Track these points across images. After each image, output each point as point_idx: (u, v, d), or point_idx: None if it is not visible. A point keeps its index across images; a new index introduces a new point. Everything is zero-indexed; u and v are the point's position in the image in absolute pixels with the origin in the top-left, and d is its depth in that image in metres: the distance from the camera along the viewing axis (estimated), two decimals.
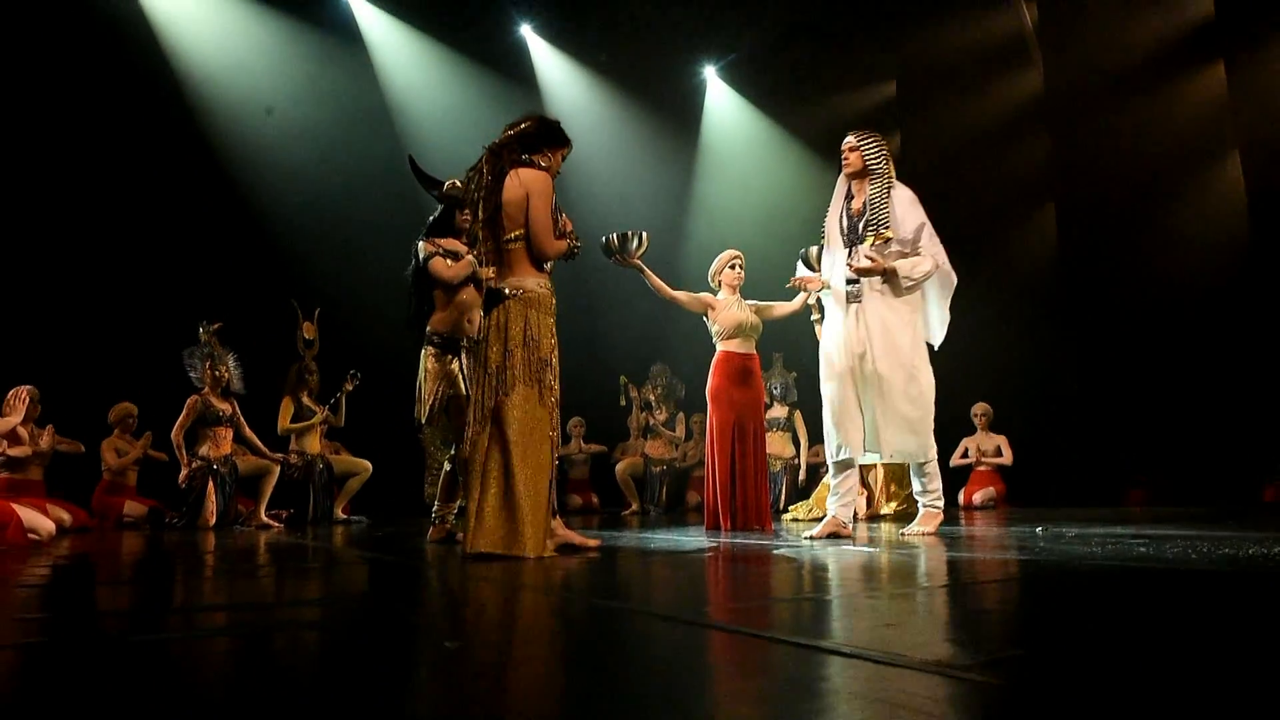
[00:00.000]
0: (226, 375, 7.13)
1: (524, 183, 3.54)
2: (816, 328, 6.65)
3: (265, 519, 6.94)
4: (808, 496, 7.63)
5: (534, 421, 3.43)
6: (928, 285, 4.63)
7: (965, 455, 9.25)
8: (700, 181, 12.06)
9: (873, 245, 4.49)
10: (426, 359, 4.49)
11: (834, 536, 4.36)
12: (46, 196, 7.95)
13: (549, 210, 3.55)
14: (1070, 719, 1.02)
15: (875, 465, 6.73)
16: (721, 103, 12.09)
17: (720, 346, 5.77)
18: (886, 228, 4.51)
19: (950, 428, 9.42)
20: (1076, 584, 2.41)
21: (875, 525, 5.84)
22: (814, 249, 6.11)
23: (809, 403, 7.14)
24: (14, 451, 5.88)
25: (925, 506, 4.59)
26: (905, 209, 4.55)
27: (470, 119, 10.33)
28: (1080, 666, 1.34)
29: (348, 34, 10.11)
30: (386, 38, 10.36)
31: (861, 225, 4.58)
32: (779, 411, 9.02)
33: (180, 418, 6.99)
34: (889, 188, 4.60)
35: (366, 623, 1.98)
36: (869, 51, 11.61)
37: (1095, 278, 9.80)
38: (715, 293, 5.87)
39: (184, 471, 6.93)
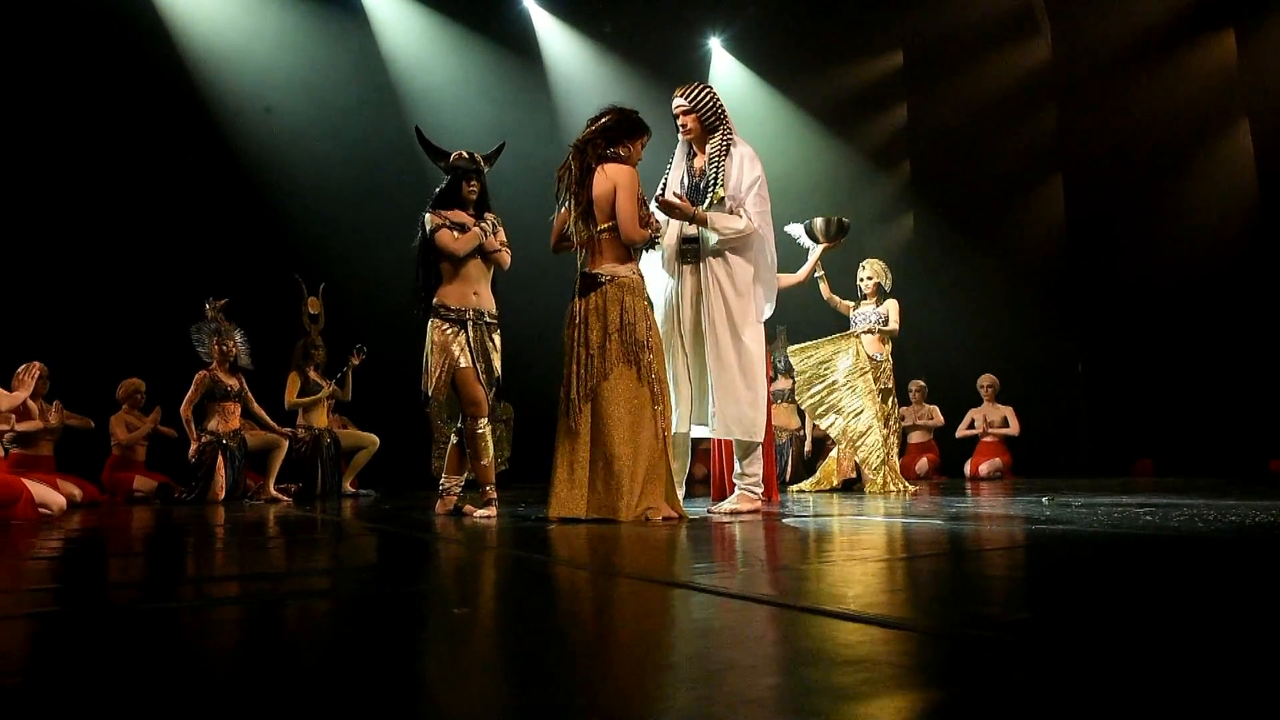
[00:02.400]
0: (234, 350, 7.14)
1: (611, 177, 3.87)
2: (822, 287, 6.64)
3: (274, 493, 6.97)
4: (814, 469, 7.64)
5: (638, 401, 3.75)
6: (758, 254, 4.27)
7: (971, 426, 9.26)
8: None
9: (710, 206, 4.16)
10: (433, 332, 4.48)
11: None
12: (55, 174, 7.94)
13: (634, 201, 3.86)
14: (1078, 679, 1.03)
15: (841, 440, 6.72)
16: (727, 74, 12.00)
17: None
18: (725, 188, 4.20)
19: (957, 399, 9.45)
20: (1083, 551, 2.42)
21: (873, 497, 5.85)
22: (818, 220, 6.10)
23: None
24: (23, 426, 5.90)
25: (743, 489, 4.24)
26: (743, 166, 4.24)
27: (475, 91, 10.29)
28: (1087, 629, 1.35)
29: (350, 7, 10.04)
30: (389, 11, 10.29)
31: (703, 185, 4.26)
32: (783, 383, 9.02)
33: (189, 393, 7.01)
34: (729, 144, 4.28)
35: (375, 592, 2.00)
36: (875, 22, 11.52)
37: (1103, 248, 9.77)
38: None
39: (193, 446, 6.97)
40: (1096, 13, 9.91)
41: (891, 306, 6.93)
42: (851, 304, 7.02)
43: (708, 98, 4.28)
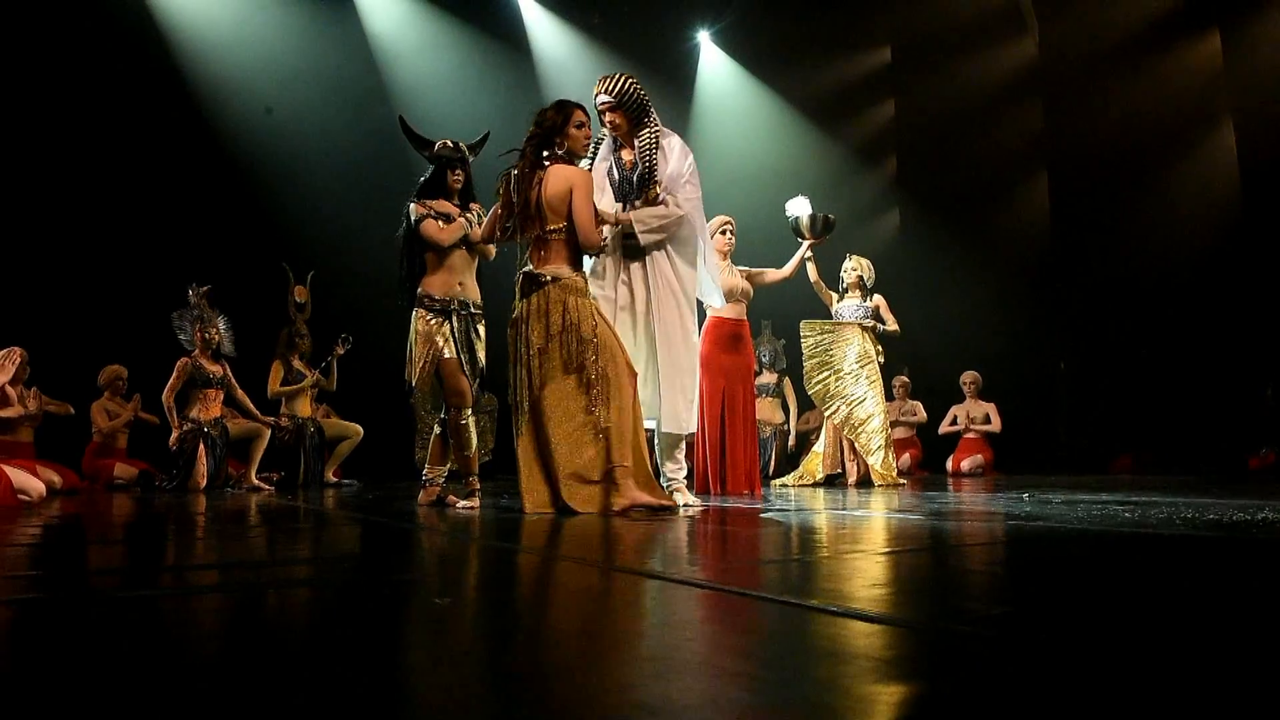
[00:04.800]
0: (217, 338, 7.10)
1: (566, 178, 3.75)
2: (810, 270, 6.65)
3: (256, 481, 6.94)
4: (797, 463, 7.68)
5: (581, 401, 3.67)
6: (696, 242, 4.26)
7: (954, 422, 9.31)
8: (693, 146, 11.90)
9: (642, 201, 4.13)
10: (417, 322, 4.47)
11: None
12: (36, 160, 7.86)
13: (590, 204, 3.76)
14: (1057, 671, 1.04)
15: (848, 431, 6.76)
16: (715, 67, 12.00)
17: (710, 312, 5.78)
18: (659, 181, 4.13)
19: (939, 395, 9.49)
20: (1062, 547, 2.43)
21: (866, 491, 5.88)
22: (804, 216, 6.12)
23: (798, 370, 7.17)
24: (3, 413, 5.85)
25: (682, 482, 4.30)
26: (676, 156, 4.20)
27: (462, 82, 10.25)
28: (1066, 623, 1.36)
29: None
30: (376, 0, 10.24)
31: (635, 179, 4.17)
32: (768, 378, 9.05)
33: (171, 380, 6.96)
34: (658, 135, 4.19)
35: (358, 581, 1.99)
36: (864, 16, 11.53)
37: (1087, 246, 9.83)
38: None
39: (174, 434, 6.92)
40: (1083, 11, 9.96)
41: (882, 304, 7.00)
42: (835, 295, 7.06)
43: (633, 89, 4.14)
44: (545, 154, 3.83)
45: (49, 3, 8.05)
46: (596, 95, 4.18)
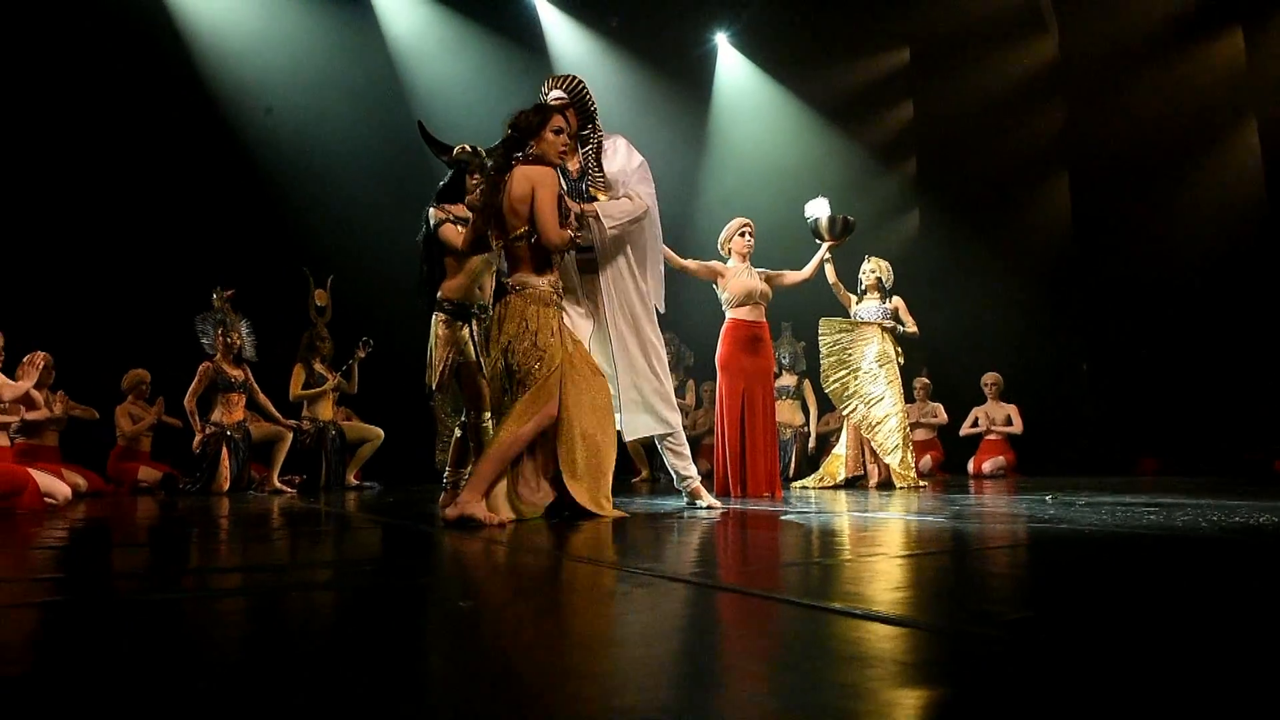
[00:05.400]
0: (239, 342, 7.15)
1: (530, 177, 3.56)
2: (828, 270, 6.63)
3: (278, 484, 6.99)
4: (818, 465, 7.64)
5: (529, 411, 3.50)
6: (650, 239, 4.19)
7: (975, 424, 9.25)
8: (711, 149, 11.99)
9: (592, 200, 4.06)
10: (437, 326, 4.48)
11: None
12: (60, 165, 7.95)
13: (553, 202, 3.55)
14: (1081, 677, 1.03)
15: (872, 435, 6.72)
16: (733, 69, 11.98)
17: (730, 314, 5.77)
18: (609, 185, 4.08)
19: (961, 396, 9.43)
20: (1086, 550, 2.41)
21: (886, 494, 5.85)
22: (823, 218, 6.10)
23: (818, 371, 7.14)
24: (31, 415, 5.91)
25: (697, 480, 4.28)
26: (622, 153, 4.15)
27: (480, 86, 10.28)
28: (1090, 628, 1.35)
29: (356, 1, 10.04)
30: (395, 4, 10.29)
31: (585, 185, 4.10)
32: (788, 380, 9.03)
33: (193, 384, 7.03)
34: (601, 138, 4.16)
35: (380, 584, 2.00)
36: (882, 18, 11.48)
37: (1109, 247, 9.74)
38: (725, 260, 5.86)
39: (197, 437, 6.98)
40: (1104, 10, 9.87)
41: (901, 306, 6.97)
42: (854, 297, 7.03)
43: (583, 89, 4.09)
44: (516, 156, 3.66)
45: (73, 12, 8.14)
46: (548, 92, 4.10)
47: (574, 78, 4.14)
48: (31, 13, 7.96)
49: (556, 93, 4.07)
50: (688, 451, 4.37)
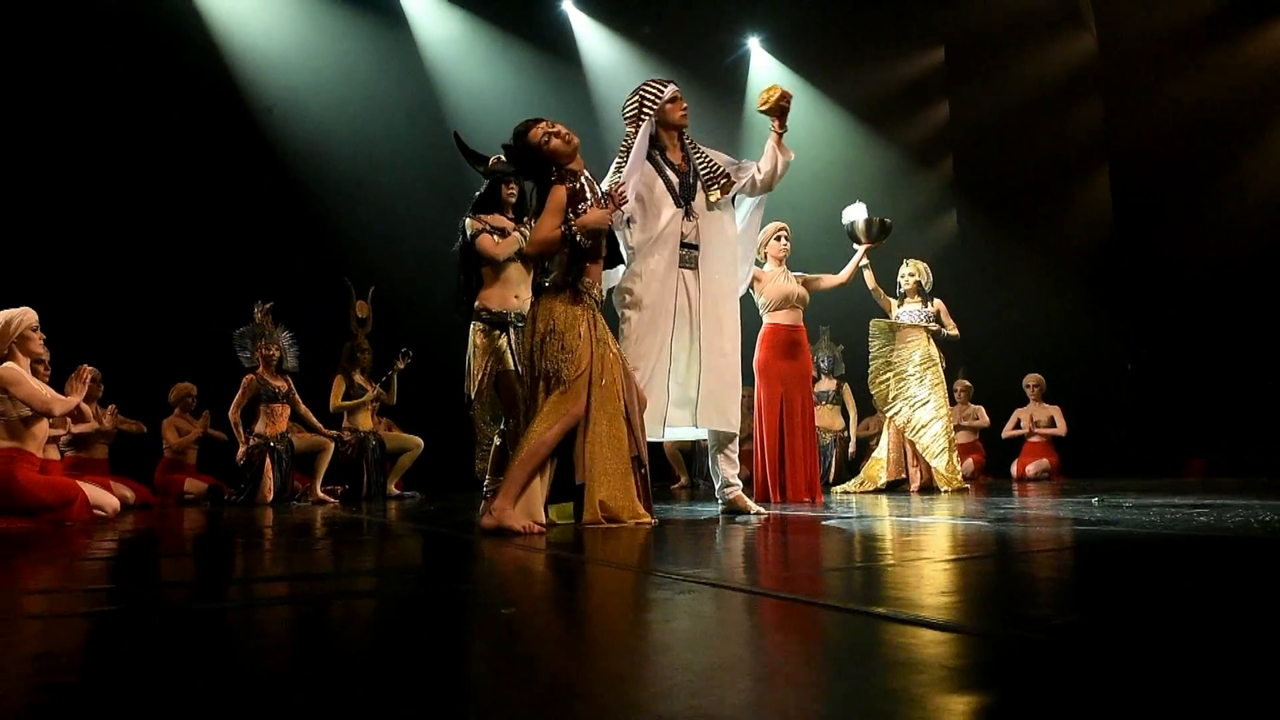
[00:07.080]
0: (277, 352, 7.24)
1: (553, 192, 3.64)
2: (867, 276, 6.60)
3: (321, 494, 7.06)
4: (858, 470, 7.59)
5: (554, 410, 3.49)
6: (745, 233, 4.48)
7: (1018, 426, 9.14)
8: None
9: (719, 197, 4.18)
10: (475, 335, 4.51)
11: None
12: (107, 181, 8.12)
13: (551, 216, 3.57)
14: (1131, 681, 1.01)
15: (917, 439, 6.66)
16: (766, 74, 11.95)
17: (767, 319, 5.76)
18: (725, 176, 4.21)
19: (1003, 399, 9.33)
20: (1134, 553, 2.37)
21: (929, 496, 5.79)
22: (860, 221, 6.05)
23: (857, 375, 7.09)
24: (79, 428, 6.02)
25: (740, 490, 4.27)
26: (710, 149, 4.35)
27: (514, 95, 10.35)
28: (1139, 632, 1.32)
29: (391, 13, 10.16)
30: (429, 16, 10.40)
31: (693, 179, 4.16)
32: (827, 384, 8.97)
33: (237, 396, 7.13)
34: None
35: (422, 591, 2.01)
36: (916, 17, 11.41)
37: (1151, 243, 9.59)
38: (761, 265, 5.84)
39: (241, 449, 7.08)
40: (1142, 3, 9.73)
41: (941, 308, 6.91)
42: (894, 301, 6.98)
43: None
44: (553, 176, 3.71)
45: (112, 25, 8.31)
46: (668, 88, 4.25)
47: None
48: (83, 35, 8.14)
49: (672, 87, 4.28)
50: (738, 460, 4.35)
